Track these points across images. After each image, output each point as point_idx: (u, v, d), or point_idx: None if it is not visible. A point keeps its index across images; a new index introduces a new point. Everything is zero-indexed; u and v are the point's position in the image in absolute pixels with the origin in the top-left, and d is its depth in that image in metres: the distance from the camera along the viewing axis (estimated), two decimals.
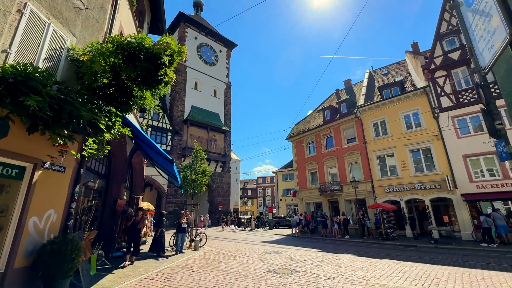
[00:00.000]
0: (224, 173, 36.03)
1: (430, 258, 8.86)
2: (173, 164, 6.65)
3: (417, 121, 16.71)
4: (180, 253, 9.52)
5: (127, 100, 6.23)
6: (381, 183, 17.46)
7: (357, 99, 22.22)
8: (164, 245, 9.20)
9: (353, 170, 19.51)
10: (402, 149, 16.80)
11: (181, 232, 9.70)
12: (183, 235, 9.76)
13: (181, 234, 9.69)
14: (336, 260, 8.49)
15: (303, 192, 22.85)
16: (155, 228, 9.34)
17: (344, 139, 20.43)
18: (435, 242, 12.47)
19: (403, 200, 16.23)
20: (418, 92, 16.54)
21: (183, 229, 9.72)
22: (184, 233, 9.78)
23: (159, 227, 9.23)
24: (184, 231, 9.77)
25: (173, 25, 37.87)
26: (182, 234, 9.71)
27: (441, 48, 16.17)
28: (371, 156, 18.23)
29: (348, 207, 19.41)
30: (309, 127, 23.77)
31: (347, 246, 12.50)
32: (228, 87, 40.63)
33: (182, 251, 9.65)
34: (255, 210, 57.92)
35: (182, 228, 9.72)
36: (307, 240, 15.96)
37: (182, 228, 9.72)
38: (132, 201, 12.76)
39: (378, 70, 26.32)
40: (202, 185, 12.41)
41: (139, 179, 13.22)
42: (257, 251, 10.59)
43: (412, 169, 16.24)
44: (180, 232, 9.70)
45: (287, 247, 12.08)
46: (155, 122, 30.69)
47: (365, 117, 19.16)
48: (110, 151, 9.55)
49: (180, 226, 9.71)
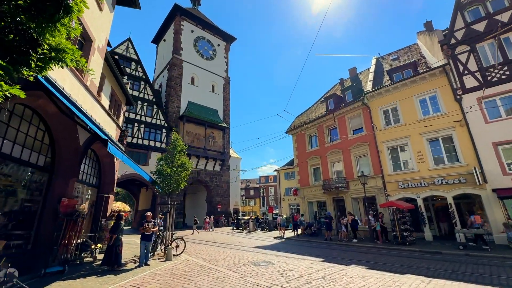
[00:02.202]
0: (223, 172, 34.17)
1: (468, 273, 6.67)
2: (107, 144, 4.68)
3: (435, 105, 14.41)
4: (145, 265, 7.54)
5: (28, 50, 4.28)
6: (393, 178, 15.20)
7: (363, 86, 19.98)
8: (121, 256, 7.20)
9: (360, 164, 17.27)
10: (417, 138, 14.52)
11: (145, 240, 7.74)
12: (148, 243, 7.79)
13: (144, 242, 7.72)
14: (342, 276, 6.38)
15: (305, 190, 20.66)
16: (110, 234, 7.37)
17: (350, 129, 18.20)
18: (465, 247, 10.22)
19: (420, 198, 13.95)
20: (436, 72, 14.24)
21: (148, 236, 7.77)
22: (149, 241, 7.81)
23: (114, 233, 7.25)
24: (149, 239, 7.83)
25: (168, 18, 36.24)
26: (146, 242, 7.74)
27: (463, 19, 13.86)
28: (381, 148, 15.98)
29: (355, 206, 17.18)
30: (310, 118, 21.59)
31: (355, 254, 10.34)
32: (227, 82, 38.79)
33: (147, 263, 7.65)
34: (258, 210, 55.82)
35: (146, 236, 7.77)
36: (308, 244, 13.83)
37: (146, 236, 7.77)
38: (100, 201, 10.91)
39: (387, 56, 23.96)
40: (181, 181, 10.44)
41: (109, 175, 11.32)
42: (244, 261, 8.54)
43: (430, 161, 13.95)
44: (143, 240, 7.73)
45: (283, 255, 9.99)
46: (149, 118, 28.98)
47: (373, 104, 16.91)
48: (52, 137, 7.69)
49: (143, 233, 7.76)
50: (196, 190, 35.80)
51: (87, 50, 8.54)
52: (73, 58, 4.78)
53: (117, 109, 19.27)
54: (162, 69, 35.95)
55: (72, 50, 4.72)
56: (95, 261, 8.23)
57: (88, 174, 10.08)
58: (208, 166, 32.60)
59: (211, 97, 35.84)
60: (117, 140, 12.01)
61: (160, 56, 38.87)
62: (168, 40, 36.20)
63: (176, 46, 33.44)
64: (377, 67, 21.33)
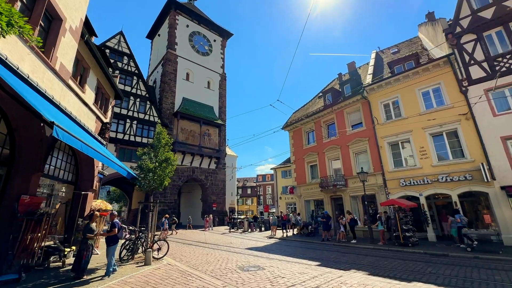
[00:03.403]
0: (218, 170, 33.26)
1: (484, 280, 5.84)
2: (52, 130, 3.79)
3: (439, 98, 13.59)
4: (112, 273, 6.49)
5: None
6: (394, 175, 14.39)
7: (362, 80, 19.14)
8: (86, 263, 6.23)
9: (360, 161, 16.44)
10: (420, 133, 13.71)
11: (110, 244, 6.55)
12: (113, 248, 6.58)
13: (110, 248, 6.52)
14: (340, 286, 5.52)
15: (301, 188, 19.81)
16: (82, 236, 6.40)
17: (348, 124, 17.36)
18: (472, 250, 9.42)
19: (423, 196, 13.16)
20: (440, 62, 13.42)
21: (113, 239, 6.63)
22: (114, 244, 6.61)
23: (84, 236, 6.33)
24: (114, 242, 6.62)
25: (163, 13, 35.26)
26: (111, 248, 6.53)
27: (469, 6, 13.03)
28: (381, 143, 15.16)
29: (354, 205, 16.36)
30: (308, 113, 20.72)
31: (355, 256, 9.50)
32: (223, 78, 37.87)
33: (113, 271, 6.58)
34: (255, 209, 55.01)
35: (111, 239, 6.61)
36: (304, 245, 13.00)
37: (111, 239, 6.61)
38: (77, 199, 10.01)
39: (386, 49, 23.14)
40: (165, 177, 9.53)
41: (87, 171, 10.41)
42: (232, 266, 7.69)
43: (434, 157, 13.14)
44: (109, 245, 6.56)
45: (275, 258, 9.14)
46: (141, 115, 28.01)
47: (373, 98, 16.07)
48: (11, 126, 6.78)
49: (108, 237, 6.66)
50: (191, 189, 34.94)
51: (55, 29, 7.63)
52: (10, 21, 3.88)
53: (104, 103, 18.41)
54: (156, 64, 34.98)
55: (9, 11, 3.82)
56: (64, 266, 7.33)
57: (62, 169, 9.18)
58: (204, 164, 31.70)
59: (206, 93, 34.94)
60: (97, 133, 11.10)
61: (154, 52, 37.89)
62: (162, 35, 35.22)
63: (170, 41, 32.46)
64: (377, 61, 20.50)
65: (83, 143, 4.79)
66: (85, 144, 4.88)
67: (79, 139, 4.68)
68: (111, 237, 6.59)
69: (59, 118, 5.29)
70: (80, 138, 4.75)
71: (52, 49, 7.45)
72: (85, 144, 4.87)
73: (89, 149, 5.08)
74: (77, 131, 6.79)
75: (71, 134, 4.35)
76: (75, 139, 4.51)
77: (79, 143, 4.70)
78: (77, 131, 6.67)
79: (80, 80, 14.27)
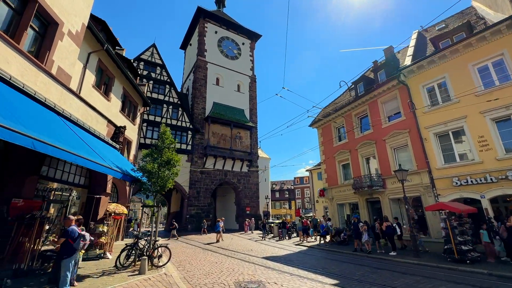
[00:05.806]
0: (251, 173, 32.70)
1: None
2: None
3: (502, 72, 10.63)
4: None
5: None
6: (444, 173, 11.72)
7: (401, 64, 16.48)
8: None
9: (399, 158, 13.94)
10: (478, 119, 10.91)
11: (63, 257, 5.22)
12: (67, 261, 5.21)
13: (63, 261, 5.20)
14: None
15: (333, 191, 17.76)
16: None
17: (384, 115, 14.96)
18: None
19: (485, 198, 10.34)
20: (502, 27, 10.52)
21: (70, 250, 5.29)
22: (69, 257, 5.24)
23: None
24: (69, 255, 5.24)
25: (193, 23, 36.65)
26: (65, 261, 5.20)
27: None
28: (425, 135, 12.56)
29: (395, 209, 13.85)
30: (337, 107, 18.68)
31: (389, 274, 7.59)
32: (253, 80, 37.56)
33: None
34: (293, 214, 52.91)
35: (68, 249, 5.28)
36: (331, 256, 11.26)
37: (68, 249, 5.28)
38: (90, 202, 10.15)
39: (431, 27, 19.71)
40: (167, 179, 9.02)
41: (98, 175, 10.53)
42: (229, 281, 6.66)
43: (499, 149, 10.25)
44: (61, 258, 5.25)
45: (288, 272, 7.81)
46: (174, 121, 29.06)
47: (413, 82, 13.52)
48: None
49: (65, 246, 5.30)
50: (226, 192, 34.94)
51: (51, 34, 7.71)
52: None
53: (132, 110, 19.31)
54: (188, 73, 36.40)
55: None
56: None
57: (72, 173, 9.35)
58: (236, 167, 31.50)
59: (237, 96, 34.96)
60: (110, 137, 11.24)
61: (187, 61, 39.57)
62: (193, 44, 36.55)
63: (200, 48, 33.38)
64: (418, 41, 17.50)
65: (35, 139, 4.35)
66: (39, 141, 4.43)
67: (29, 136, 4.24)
68: (64, 248, 5.29)
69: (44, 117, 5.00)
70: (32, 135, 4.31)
71: (47, 53, 7.54)
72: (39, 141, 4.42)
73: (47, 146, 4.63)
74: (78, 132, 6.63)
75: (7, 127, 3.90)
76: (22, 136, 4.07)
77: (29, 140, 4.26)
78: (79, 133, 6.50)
79: (105, 89, 15.09)
